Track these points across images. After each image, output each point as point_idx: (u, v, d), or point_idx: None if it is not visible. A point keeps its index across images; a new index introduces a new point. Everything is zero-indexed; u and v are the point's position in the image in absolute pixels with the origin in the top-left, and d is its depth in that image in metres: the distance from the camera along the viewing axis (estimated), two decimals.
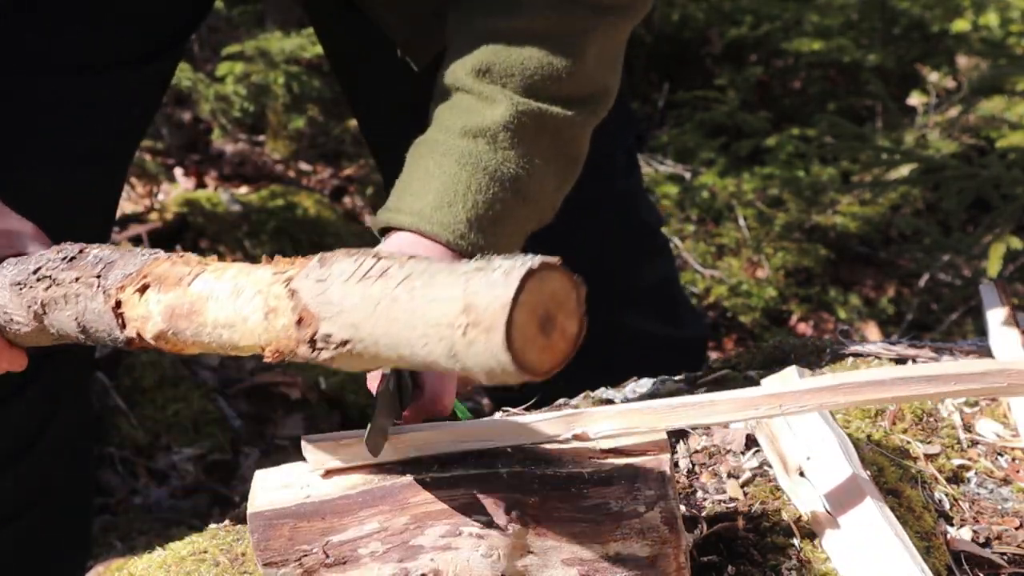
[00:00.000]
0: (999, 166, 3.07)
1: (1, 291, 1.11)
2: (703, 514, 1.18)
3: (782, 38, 4.05)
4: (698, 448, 1.29)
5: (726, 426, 1.30)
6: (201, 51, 4.05)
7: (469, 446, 1.07)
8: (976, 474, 1.30)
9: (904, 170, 3.35)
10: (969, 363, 1.12)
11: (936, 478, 1.27)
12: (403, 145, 1.40)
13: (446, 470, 1.06)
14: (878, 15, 4.10)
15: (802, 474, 1.19)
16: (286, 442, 2.73)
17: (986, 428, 1.36)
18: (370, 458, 1.07)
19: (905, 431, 1.33)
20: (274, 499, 1.07)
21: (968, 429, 1.36)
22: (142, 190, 3.53)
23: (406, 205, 1.30)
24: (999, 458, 1.32)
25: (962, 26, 3.96)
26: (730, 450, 1.28)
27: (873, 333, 3.31)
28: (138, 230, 3.27)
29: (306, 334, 0.89)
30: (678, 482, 1.22)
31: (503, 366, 0.78)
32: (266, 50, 3.46)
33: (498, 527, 1.03)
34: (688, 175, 3.73)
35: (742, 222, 3.55)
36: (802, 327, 3.40)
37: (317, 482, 1.08)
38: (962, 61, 4.12)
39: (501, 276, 0.78)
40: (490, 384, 0.82)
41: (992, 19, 4.01)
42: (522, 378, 0.80)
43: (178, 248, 2.69)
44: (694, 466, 1.27)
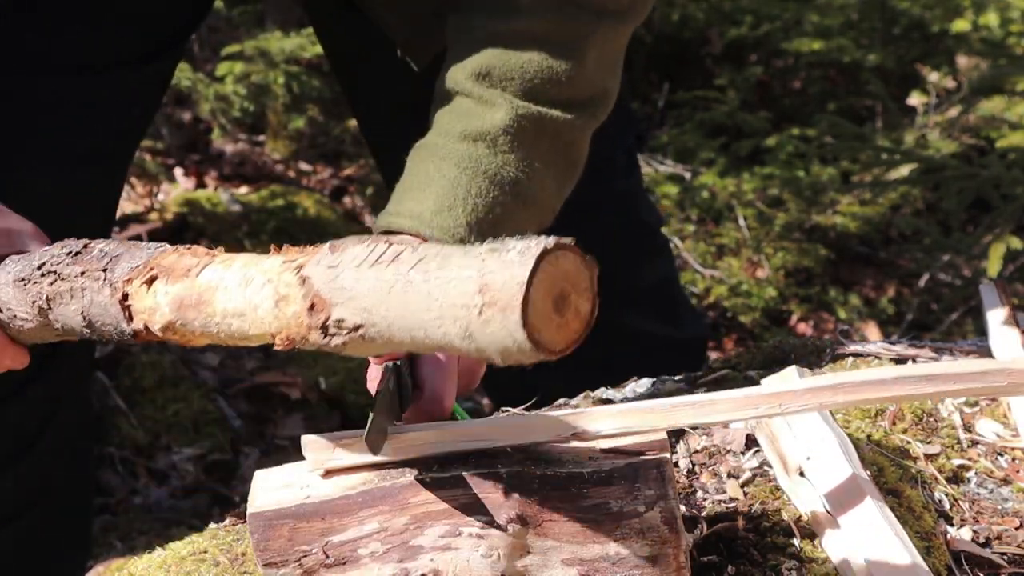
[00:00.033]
0: (999, 166, 3.08)
1: (4, 287, 1.10)
2: (703, 514, 1.18)
3: (782, 38, 4.05)
4: (698, 448, 1.29)
5: (726, 426, 1.30)
6: (201, 51, 4.05)
7: (469, 446, 1.06)
8: (976, 474, 1.30)
9: (904, 170, 3.35)
10: (969, 362, 1.12)
11: (936, 478, 1.27)
12: (403, 145, 1.39)
13: (446, 470, 1.05)
14: (878, 15, 4.10)
15: (802, 474, 1.19)
16: (286, 442, 2.73)
17: (986, 428, 1.36)
18: (370, 458, 1.07)
19: (905, 431, 1.33)
20: (274, 499, 1.07)
21: (968, 429, 1.36)
22: (142, 190, 3.53)
23: (406, 209, 1.30)
24: (999, 458, 1.32)
25: (962, 26, 3.96)
26: (730, 450, 1.28)
27: (873, 333, 3.31)
28: (138, 230, 3.27)
29: (318, 320, 0.88)
30: (678, 482, 1.22)
31: (519, 344, 0.78)
32: (266, 50, 3.46)
33: (498, 527, 1.03)
34: (688, 175, 3.73)
35: (742, 222, 3.55)
36: (802, 327, 3.40)
37: (317, 482, 1.08)
38: (962, 61, 4.12)
39: (516, 256, 0.79)
40: (504, 364, 0.82)
41: (992, 19, 4.01)
42: (537, 357, 0.80)
43: None
44: (694, 466, 1.27)
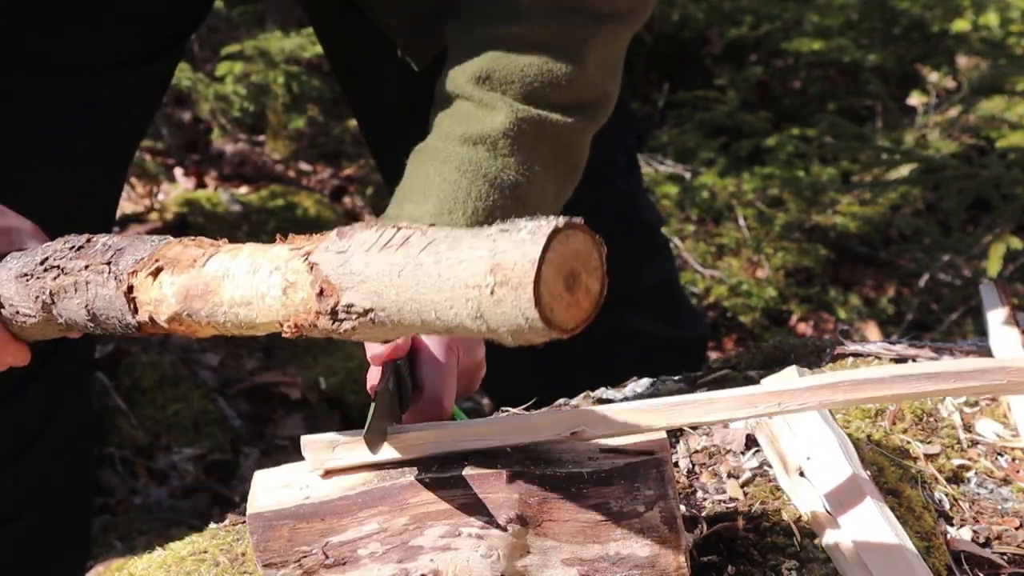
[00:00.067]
0: (999, 166, 3.08)
1: (7, 283, 1.10)
2: (703, 514, 1.18)
3: (782, 38, 4.05)
4: (698, 448, 1.29)
5: (726, 426, 1.30)
6: (201, 51, 4.05)
7: (469, 446, 1.06)
8: (976, 474, 1.29)
9: (904, 170, 3.35)
10: (968, 361, 1.12)
11: (936, 478, 1.27)
12: (403, 145, 1.39)
13: (446, 470, 1.05)
14: (878, 15, 4.10)
15: (802, 474, 1.19)
16: (286, 442, 2.73)
17: (986, 428, 1.36)
18: (370, 458, 1.07)
19: (905, 431, 1.33)
20: (274, 500, 1.07)
21: (968, 429, 1.36)
22: (142, 190, 3.53)
23: (406, 212, 1.30)
24: (999, 458, 1.32)
25: (962, 26, 3.96)
26: (730, 450, 1.28)
27: (873, 333, 3.31)
28: (138, 230, 3.27)
29: (327, 305, 0.89)
30: (678, 482, 1.22)
31: (531, 323, 0.79)
32: (266, 50, 3.46)
33: (498, 527, 1.03)
34: (688, 175, 3.73)
35: (742, 222, 3.55)
36: (802, 327, 3.40)
37: (317, 483, 1.08)
38: (962, 61, 4.12)
39: (528, 235, 0.80)
40: (515, 344, 0.82)
41: (992, 19, 4.01)
42: (548, 335, 0.80)
43: None
44: (694, 466, 1.26)
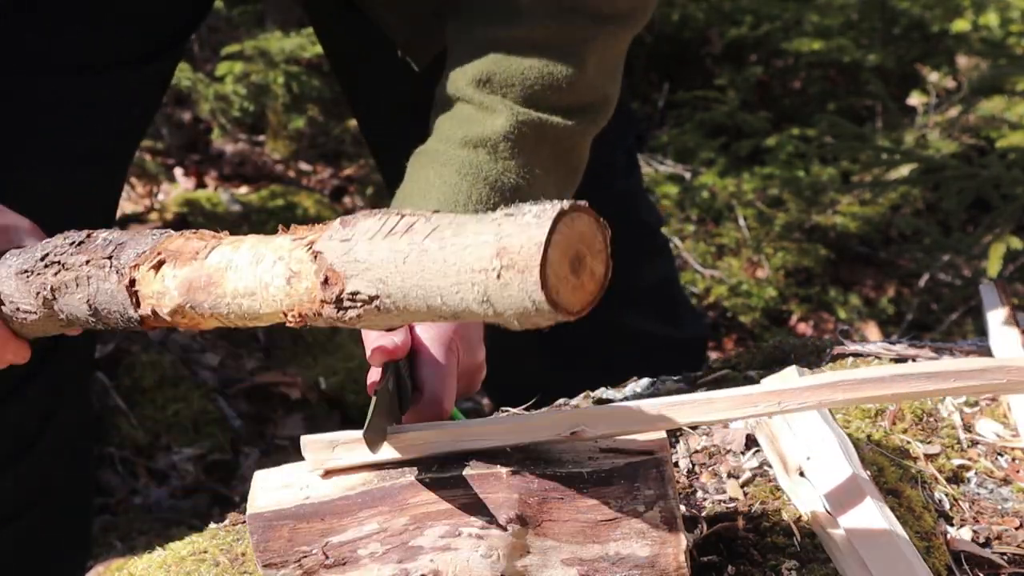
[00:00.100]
0: (999, 166, 3.08)
1: (7, 280, 1.10)
2: (703, 514, 1.18)
3: (782, 38, 4.05)
4: (698, 448, 1.29)
5: (726, 426, 1.30)
6: (201, 51, 4.05)
7: (469, 446, 1.06)
8: (976, 474, 1.29)
9: (904, 170, 3.35)
10: (968, 360, 1.12)
11: (936, 478, 1.27)
12: (403, 145, 1.39)
13: (446, 470, 1.05)
14: (878, 15, 4.10)
15: (802, 474, 1.19)
16: (286, 442, 2.73)
17: (986, 428, 1.36)
18: (370, 458, 1.07)
19: (905, 431, 1.33)
20: (274, 500, 1.07)
21: (968, 429, 1.36)
22: (142, 190, 3.53)
23: None
24: (999, 458, 1.32)
25: (962, 26, 3.96)
26: (730, 450, 1.28)
27: (873, 333, 3.31)
28: (138, 230, 3.27)
29: (332, 294, 0.89)
30: (678, 482, 1.22)
31: (538, 305, 0.79)
32: (266, 50, 3.46)
33: (498, 527, 1.03)
34: (688, 175, 3.73)
35: (742, 222, 3.55)
36: (802, 327, 3.40)
37: (317, 483, 1.08)
38: (962, 61, 4.12)
39: (533, 218, 0.80)
40: (521, 328, 0.83)
41: (992, 19, 4.01)
42: (555, 318, 0.81)
43: None
44: (694, 466, 1.26)
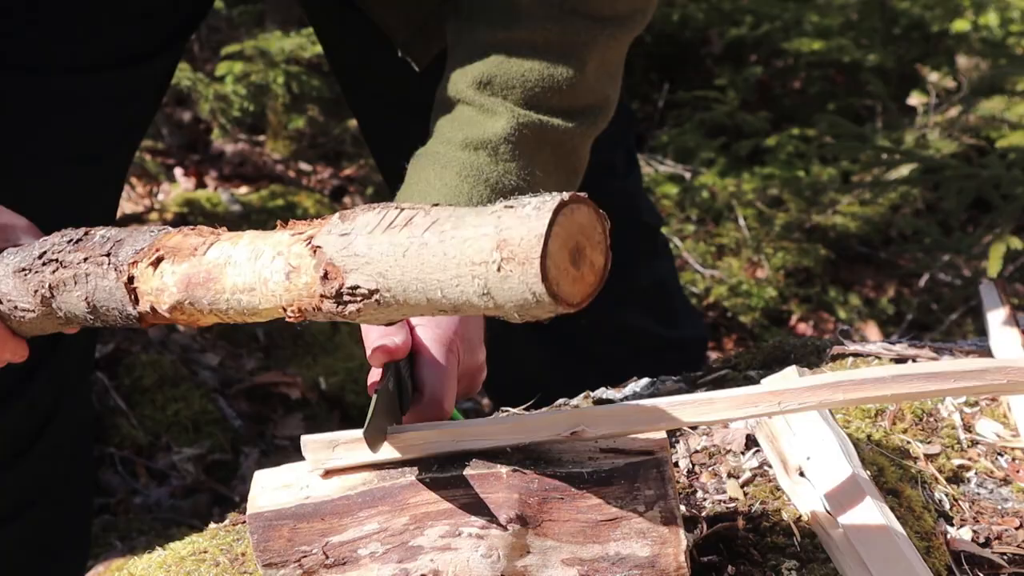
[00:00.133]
0: (999, 166, 3.08)
1: (4, 279, 1.09)
2: (703, 514, 1.18)
3: (782, 38, 4.06)
4: (698, 448, 1.29)
5: (726, 426, 1.30)
6: (201, 51, 4.05)
7: (469, 446, 1.06)
8: (976, 474, 1.29)
9: (904, 170, 3.35)
10: (969, 361, 1.12)
11: (936, 478, 1.27)
12: (403, 145, 1.39)
13: (446, 470, 1.05)
14: (878, 15, 4.11)
15: (802, 474, 1.19)
16: (286, 442, 2.73)
17: (986, 428, 1.36)
18: (370, 458, 1.07)
19: (905, 431, 1.33)
20: (274, 500, 1.07)
21: (968, 429, 1.36)
22: (142, 190, 3.53)
23: None
24: (999, 458, 1.32)
25: (962, 26, 3.96)
26: (730, 450, 1.28)
27: (873, 333, 3.31)
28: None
29: (332, 288, 0.89)
30: (678, 482, 1.22)
31: (539, 297, 0.80)
32: (266, 50, 3.46)
33: (498, 527, 1.03)
34: (688, 175, 3.73)
35: (742, 222, 3.55)
36: (802, 327, 3.40)
37: (317, 482, 1.08)
38: (962, 61, 4.12)
39: (533, 210, 0.80)
40: (521, 320, 0.83)
41: (992, 19, 4.01)
42: (555, 310, 0.81)
43: None
44: (694, 466, 1.26)
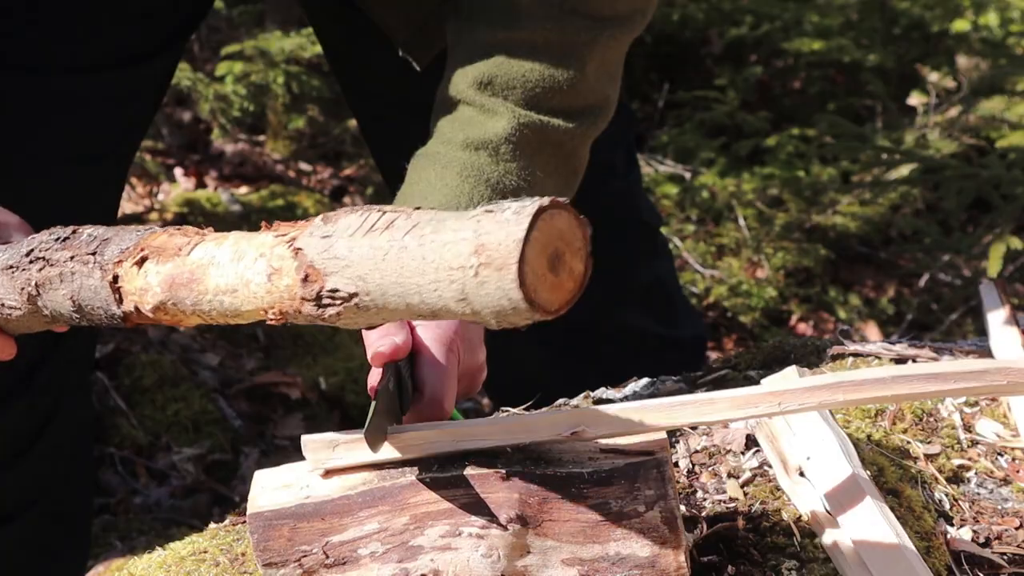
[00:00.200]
0: (999, 166, 3.08)
1: None
2: (703, 514, 1.18)
3: (782, 38, 4.06)
4: (698, 448, 1.29)
5: (726, 426, 1.30)
6: (201, 51, 4.05)
7: (469, 446, 1.06)
8: (976, 474, 1.29)
9: (904, 170, 3.35)
10: (969, 362, 1.11)
11: (936, 478, 1.27)
12: (403, 145, 1.39)
13: (446, 470, 1.05)
14: (878, 15, 4.11)
15: (802, 474, 1.19)
16: (286, 442, 2.73)
17: (986, 428, 1.36)
18: (370, 458, 1.07)
19: (905, 431, 1.33)
20: (274, 499, 1.07)
21: (968, 429, 1.36)
22: (142, 190, 3.53)
23: None
24: (999, 458, 1.32)
25: (962, 26, 3.96)
26: (730, 450, 1.28)
27: (873, 333, 3.31)
28: None
29: (312, 291, 0.88)
30: (678, 482, 1.22)
31: (514, 304, 0.79)
32: (266, 50, 3.46)
33: (498, 527, 1.03)
34: (688, 175, 3.73)
35: (742, 222, 3.55)
36: (802, 327, 3.40)
37: (317, 482, 1.08)
38: (962, 61, 4.12)
39: (512, 215, 0.79)
40: (499, 327, 0.82)
41: (992, 19, 4.01)
42: (532, 317, 0.80)
43: None
44: (694, 466, 1.26)
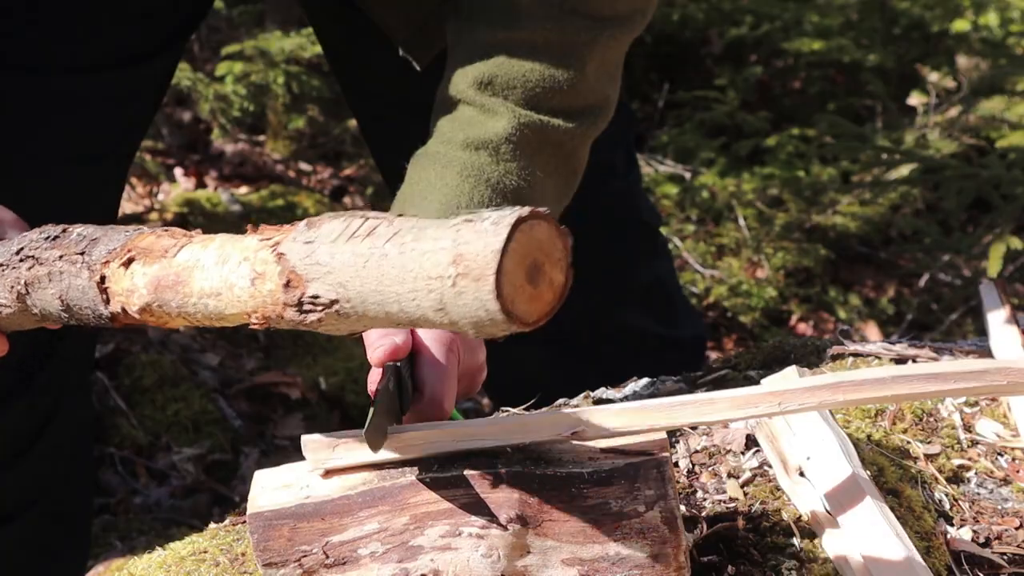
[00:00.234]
0: (999, 166, 3.08)
1: None
2: (703, 514, 1.18)
3: (782, 38, 4.06)
4: (698, 448, 1.29)
5: (726, 426, 1.30)
6: (201, 51, 4.05)
7: (469, 446, 1.06)
8: (976, 474, 1.29)
9: (904, 170, 3.35)
10: (969, 362, 1.11)
11: (936, 478, 1.27)
12: (403, 145, 1.39)
13: (446, 470, 1.05)
14: (878, 15, 4.11)
15: (802, 474, 1.19)
16: (286, 442, 2.73)
17: (986, 428, 1.36)
18: (370, 458, 1.07)
19: (905, 431, 1.33)
20: (274, 499, 1.07)
21: (968, 429, 1.36)
22: (142, 190, 3.53)
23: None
24: (999, 458, 1.32)
25: (962, 26, 3.96)
26: (730, 450, 1.28)
27: (873, 333, 3.31)
28: None
29: (293, 297, 0.88)
30: (678, 482, 1.22)
31: (491, 315, 0.77)
32: (266, 50, 3.46)
33: (498, 527, 1.03)
34: (688, 175, 3.73)
35: (742, 222, 3.55)
36: (802, 327, 3.40)
37: (317, 482, 1.08)
38: (962, 61, 4.12)
39: (491, 225, 0.78)
40: (477, 337, 0.81)
41: (992, 19, 4.01)
42: (510, 328, 0.79)
43: None
44: (694, 466, 1.26)
